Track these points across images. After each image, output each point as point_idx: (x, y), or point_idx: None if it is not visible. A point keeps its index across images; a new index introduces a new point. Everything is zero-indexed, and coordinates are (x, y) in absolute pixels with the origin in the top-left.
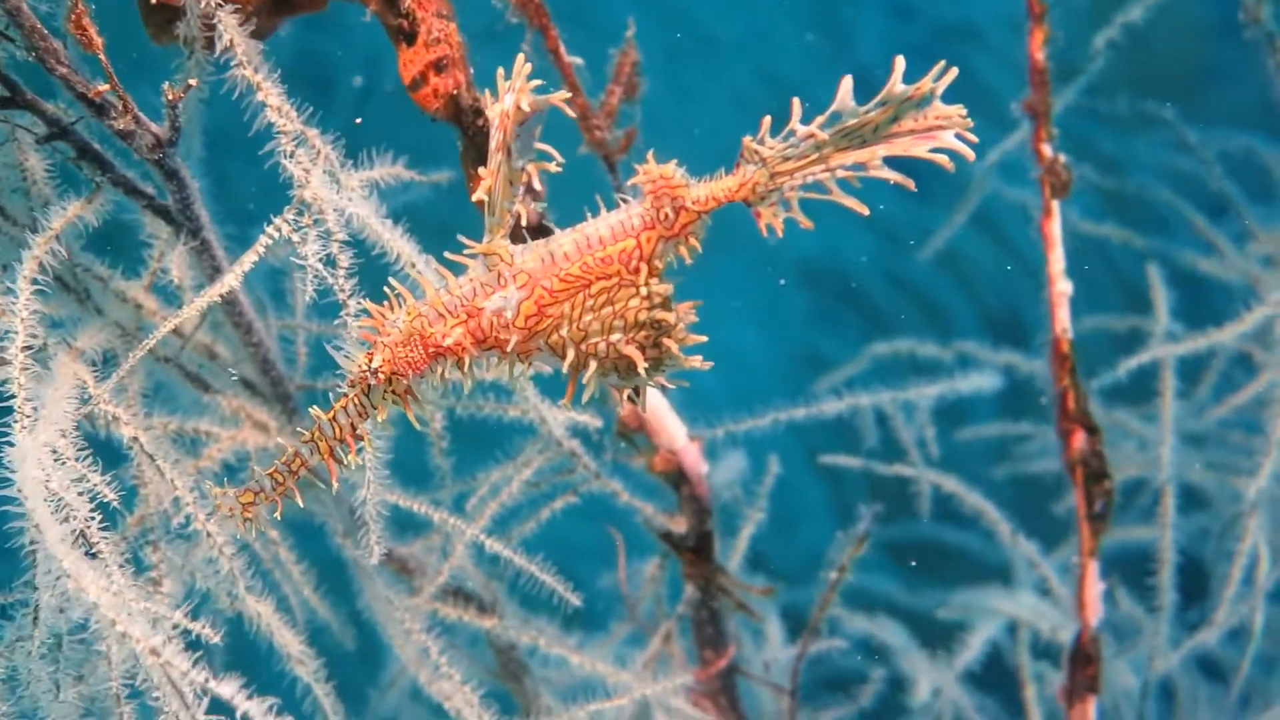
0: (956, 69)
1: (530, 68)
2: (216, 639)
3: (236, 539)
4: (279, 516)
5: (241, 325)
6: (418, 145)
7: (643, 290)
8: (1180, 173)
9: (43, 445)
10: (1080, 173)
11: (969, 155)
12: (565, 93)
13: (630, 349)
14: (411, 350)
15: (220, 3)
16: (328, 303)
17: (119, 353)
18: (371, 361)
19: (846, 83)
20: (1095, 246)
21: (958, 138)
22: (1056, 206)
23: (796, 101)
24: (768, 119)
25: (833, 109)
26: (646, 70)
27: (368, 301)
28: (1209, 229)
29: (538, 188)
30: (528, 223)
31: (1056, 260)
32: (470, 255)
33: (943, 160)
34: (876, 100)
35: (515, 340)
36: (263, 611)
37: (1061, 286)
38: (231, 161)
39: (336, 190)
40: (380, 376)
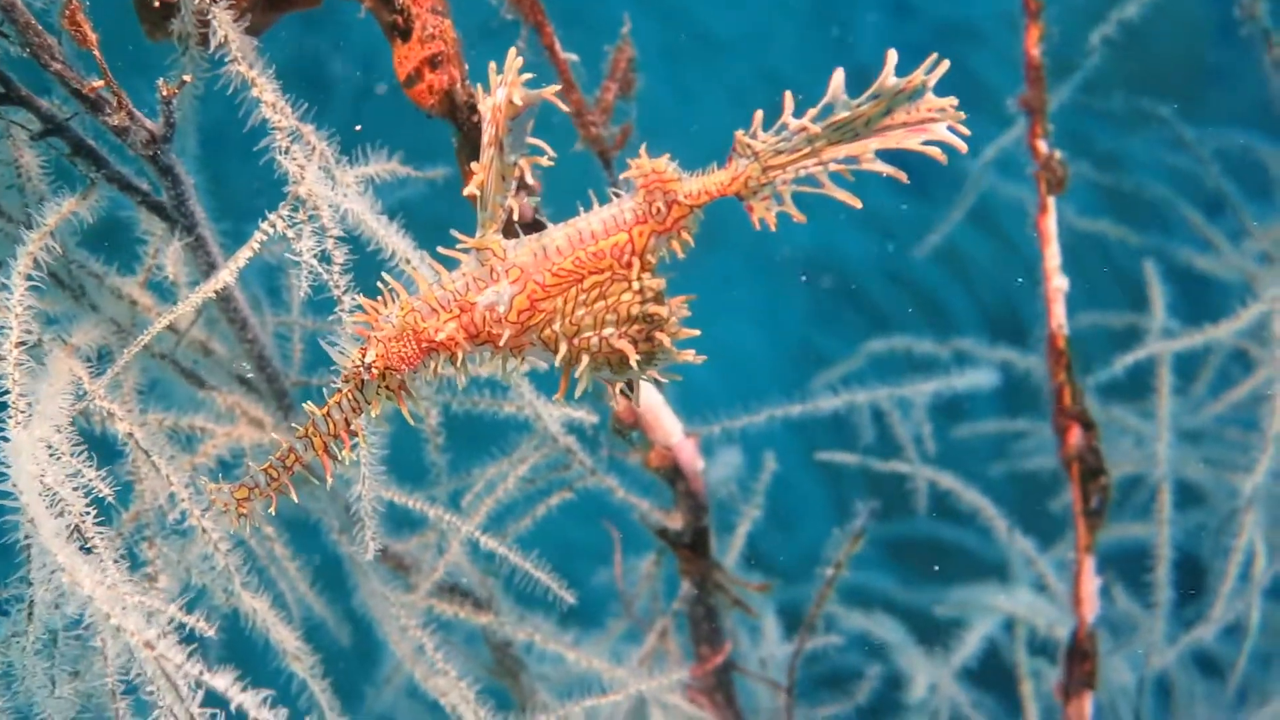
0: (948, 61)
1: (522, 62)
2: (211, 632)
3: (232, 535)
4: (273, 512)
5: (237, 321)
6: (415, 141)
7: (635, 284)
8: (1177, 170)
9: (38, 440)
10: (1077, 169)
11: (961, 147)
12: (556, 86)
13: (622, 343)
14: (405, 345)
15: None
16: (323, 298)
17: (114, 349)
18: (365, 356)
19: (838, 76)
20: (1092, 243)
21: (950, 130)
22: (1052, 203)
23: (789, 95)
24: (759, 113)
25: (825, 102)
26: (645, 69)
27: (361, 297)
28: (1205, 226)
29: (530, 183)
30: (523, 218)
31: (1052, 256)
32: (463, 250)
33: (935, 153)
34: (869, 93)
35: (508, 335)
36: (258, 607)
37: (1057, 283)
38: (227, 158)
39: (332, 186)
40: (374, 371)
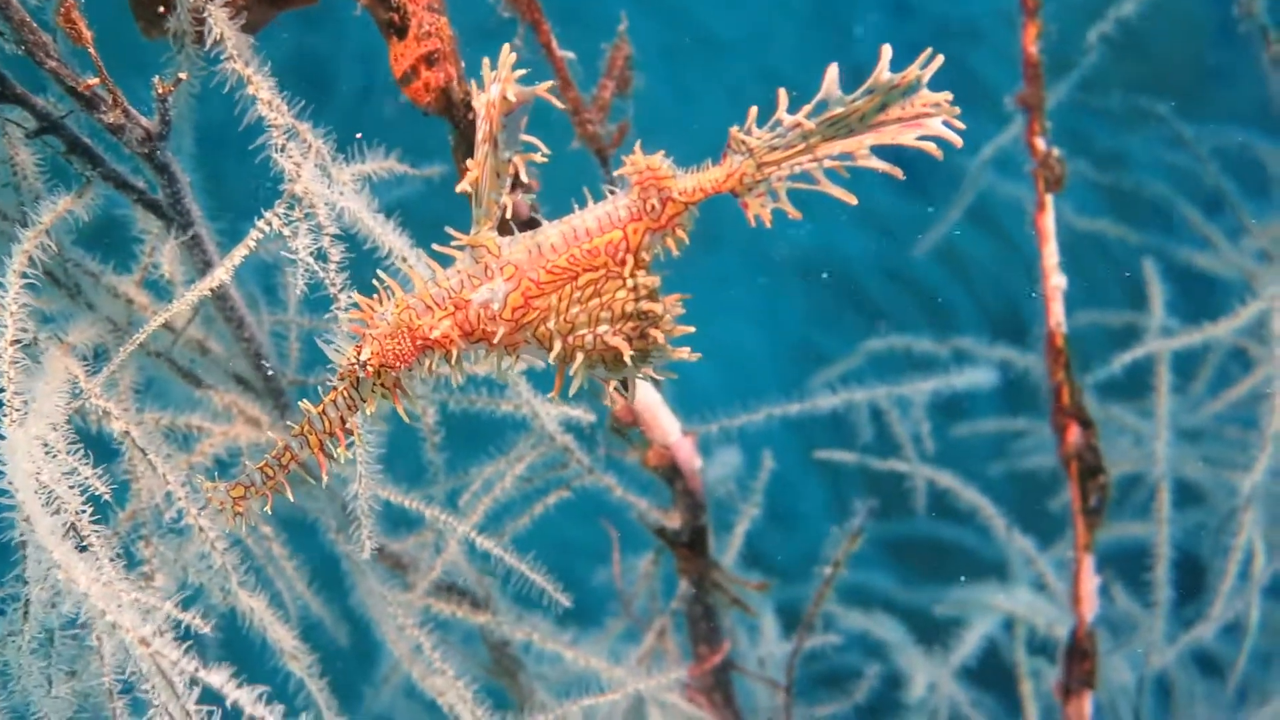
0: (942, 56)
1: (515, 58)
2: (207, 629)
3: (229, 534)
4: (269, 511)
5: (233, 320)
6: (413, 140)
7: (629, 282)
8: (1176, 168)
9: (34, 438)
10: (1076, 168)
11: (956, 142)
12: (550, 83)
13: (617, 340)
14: (399, 342)
15: None
16: (319, 297)
17: (110, 348)
18: (360, 354)
19: (832, 71)
20: (1091, 241)
21: (945, 125)
22: (1050, 201)
23: (783, 92)
24: (754, 109)
25: (819, 98)
26: (645, 68)
27: (357, 294)
28: (1204, 224)
29: (525, 180)
30: (520, 216)
31: (1050, 255)
32: (458, 247)
33: (930, 148)
34: (863, 89)
35: (502, 332)
36: (256, 606)
37: (1056, 281)
38: (225, 157)
39: (328, 184)
40: (369, 369)
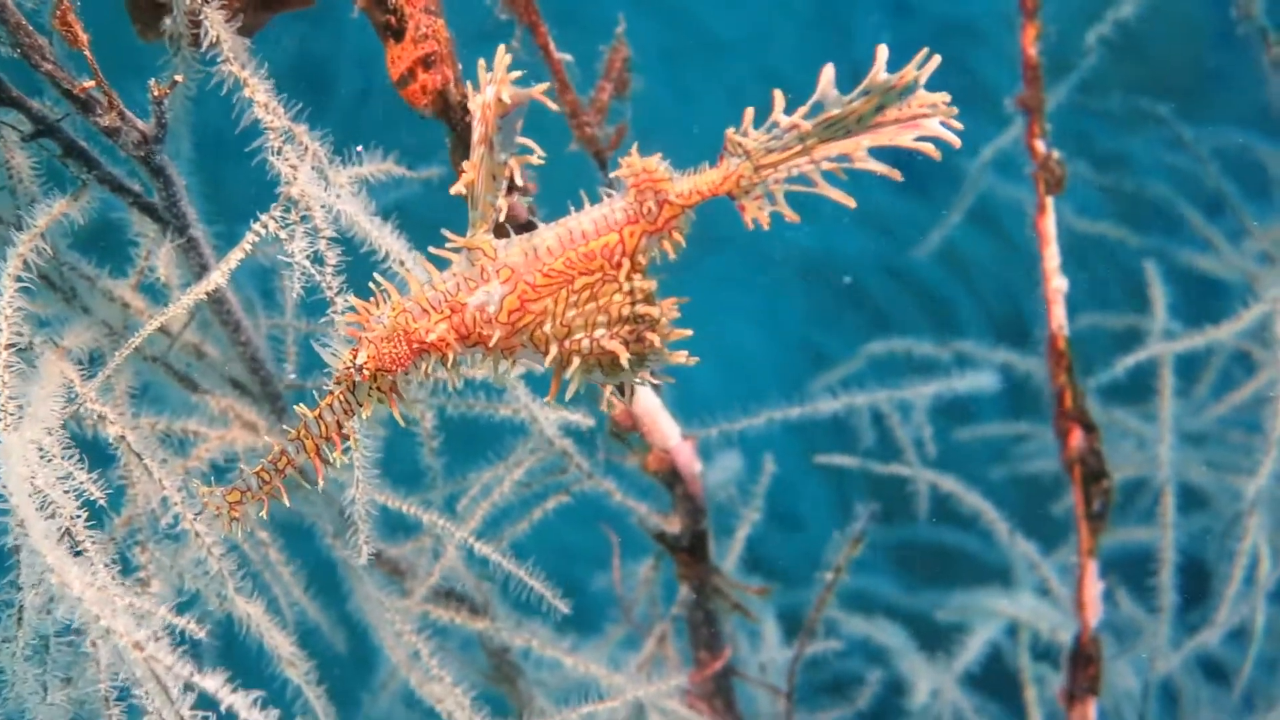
0: (939, 57)
1: (510, 59)
2: (202, 634)
3: (225, 540)
4: (265, 516)
5: (230, 324)
6: (411, 142)
7: (625, 285)
8: (1177, 170)
9: (28, 443)
10: (1076, 170)
11: (955, 142)
12: (545, 85)
13: (613, 344)
14: (395, 346)
15: None
16: (316, 300)
17: (106, 352)
18: (356, 358)
19: (828, 72)
20: (1092, 244)
21: (943, 125)
22: (1050, 203)
23: (778, 93)
24: (750, 110)
25: (815, 99)
26: (644, 69)
27: (353, 297)
28: (1206, 226)
29: (520, 183)
30: (518, 218)
31: (1051, 257)
32: (453, 250)
33: (928, 149)
34: (860, 89)
35: (498, 336)
36: (253, 613)
37: (1057, 283)
38: (222, 161)
39: (325, 187)
40: (365, 373)
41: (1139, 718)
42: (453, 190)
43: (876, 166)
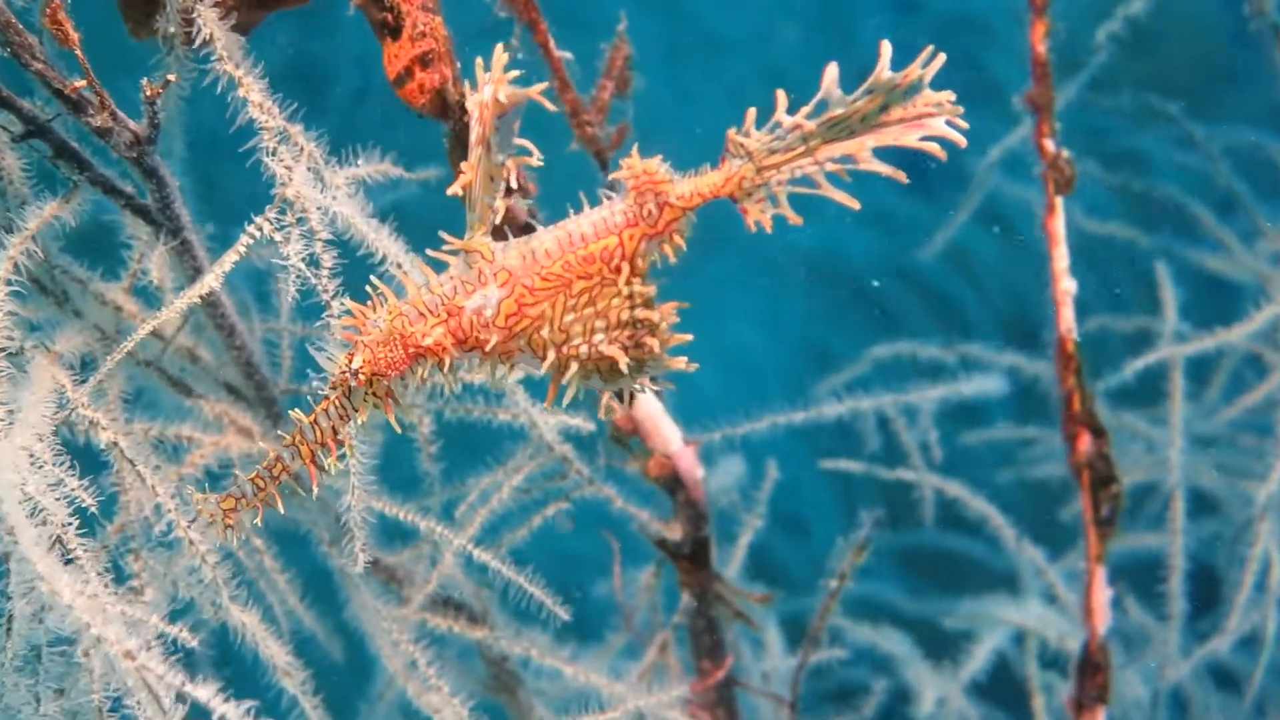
0: (944, 55)
1: (508, 58)
2: (195, 642)
3: (220, 547)
4: (259, 523)
5: (224, 328)
6: (409, 142)
7: (625, 290)
8: (1187, 169)
9: (19, 449)
10: (1086, 169)
11: (960, 142)
12: (543, 85)
13: (612, 349)
14: (391, 350)
15: None
16: (311, 304)
17: (98, 356)
18: (352, 362)
19: (831, 70)
20: (1102, 244)
21: (949, 124)
22: (1060, 203)
23: (781, 93)
24: (752, 110)
25: (818, 98)
26: (646, 69)
27: (349, 301)
28: (1217, 226)
29: (514, 185)
30: (517, 220)
31: (1060, 258)
32: (450, 252)
33: (934, 149)
34: (863, 88)
35: (495, 340)
36: (248, 621)
37: (1066, 285)
38: (217, 162)
39: (320, 188)
40: (361, 377)
41: None
42: (450, 191)
43: (882, 168)
